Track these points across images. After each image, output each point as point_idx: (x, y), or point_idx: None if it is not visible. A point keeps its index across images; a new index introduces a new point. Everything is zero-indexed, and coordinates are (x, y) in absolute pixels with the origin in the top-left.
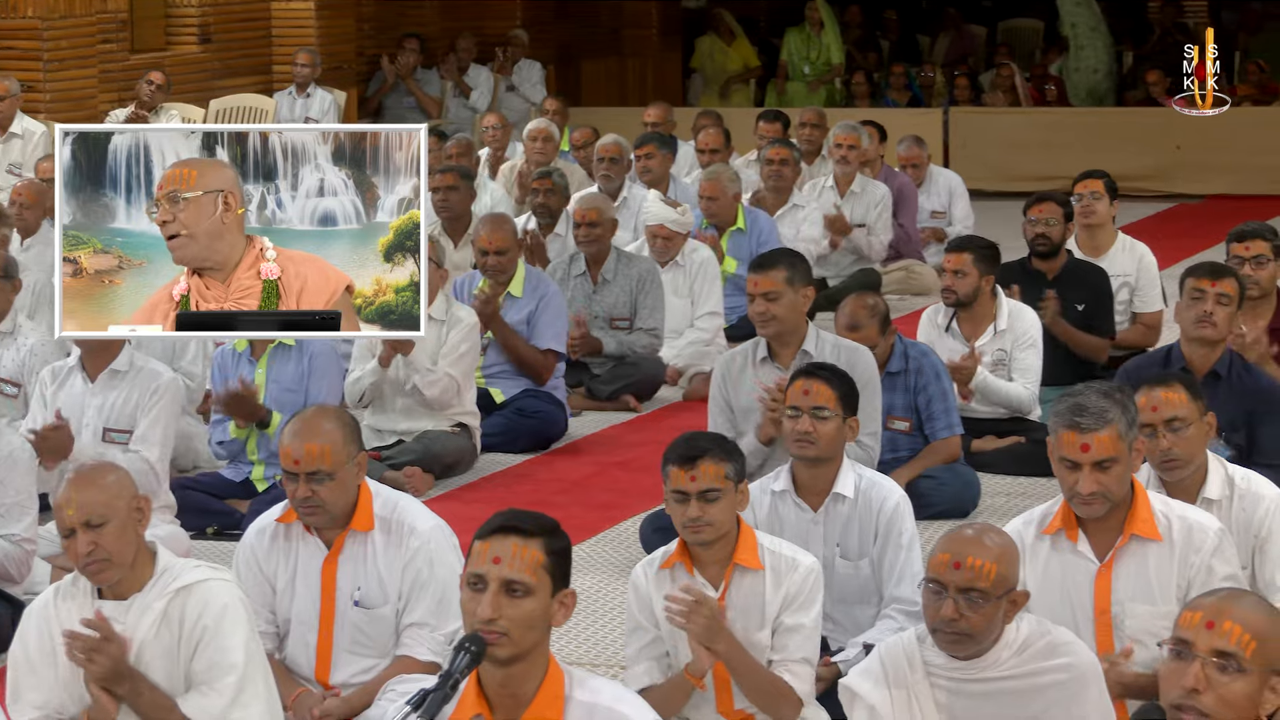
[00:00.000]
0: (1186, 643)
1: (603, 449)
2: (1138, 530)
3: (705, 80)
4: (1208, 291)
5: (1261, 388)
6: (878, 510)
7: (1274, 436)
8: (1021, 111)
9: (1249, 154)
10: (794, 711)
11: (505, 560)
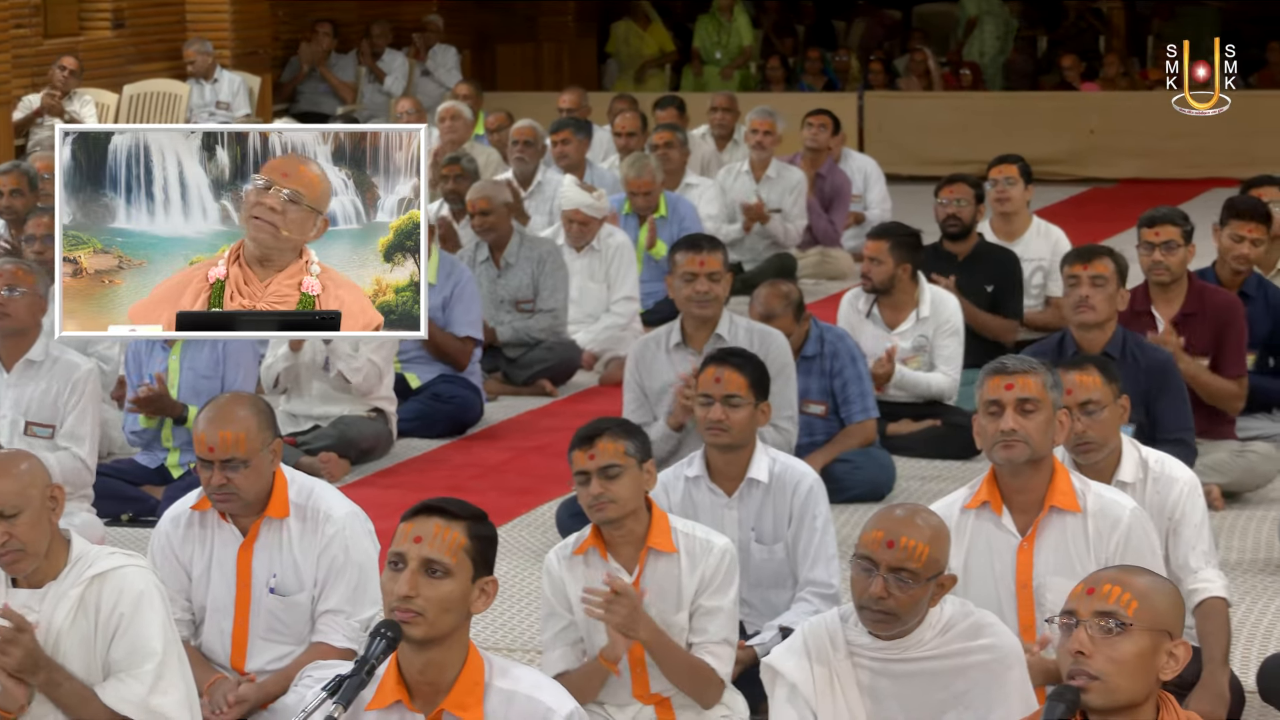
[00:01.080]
0: (1072, 612)
1: (519, 434)
2: (1057, 502)
3: (621, 65)
4: (1081, 276)
5: (1155, 364)
6: (792, 494)
7: (1171, 410)
8: (936, 96)
9: (1161, 138)
10: (718, 693)
11: (426, 540)
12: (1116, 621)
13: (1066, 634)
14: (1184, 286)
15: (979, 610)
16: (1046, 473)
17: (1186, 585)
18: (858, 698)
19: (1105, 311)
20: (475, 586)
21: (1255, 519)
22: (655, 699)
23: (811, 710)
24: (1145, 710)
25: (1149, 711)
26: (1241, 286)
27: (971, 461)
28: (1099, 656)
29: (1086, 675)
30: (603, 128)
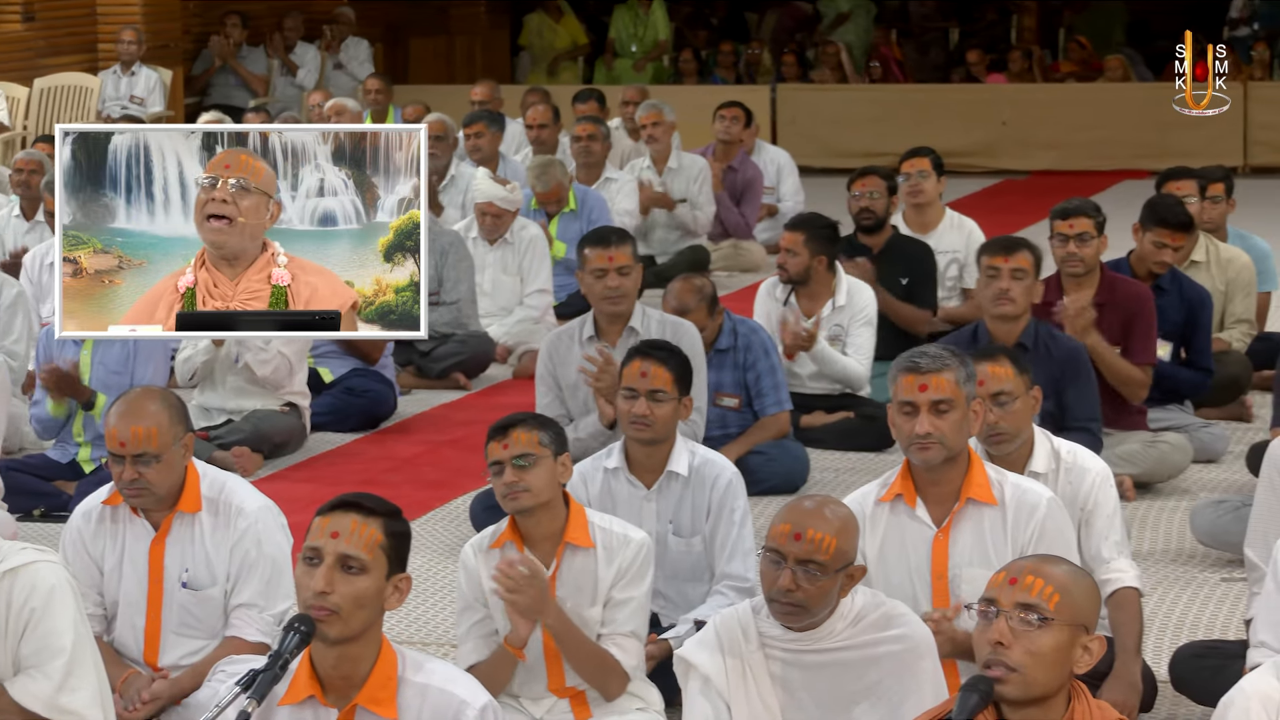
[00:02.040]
0: (992, 601)
1: (432, 427)
2: (974, 494)
3: (533, 58)
4: (1002, 268)
5: (1066, 353)
6: (711, 487)
7: (1081, 399)
8: (849, 88)
9: (1073, 130)
10: (621, 685)
11: (343, 536)
12: (1038, 615)
13: (986, 622)
14: (1096, 277)
15: (890, 601)
16: (962, 465)
17: (1099, 575)
18: (770, 689)
19: (1023, 304)
20: (390, 583)
21: (1167, 509)
22: (570, 692)
23: (725, 702)
24: (1057, 701)
25: (1061, 702)
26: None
27: (885, 453)
28: (1018, 649)
29: (1004, 666)
30: (515, 120)
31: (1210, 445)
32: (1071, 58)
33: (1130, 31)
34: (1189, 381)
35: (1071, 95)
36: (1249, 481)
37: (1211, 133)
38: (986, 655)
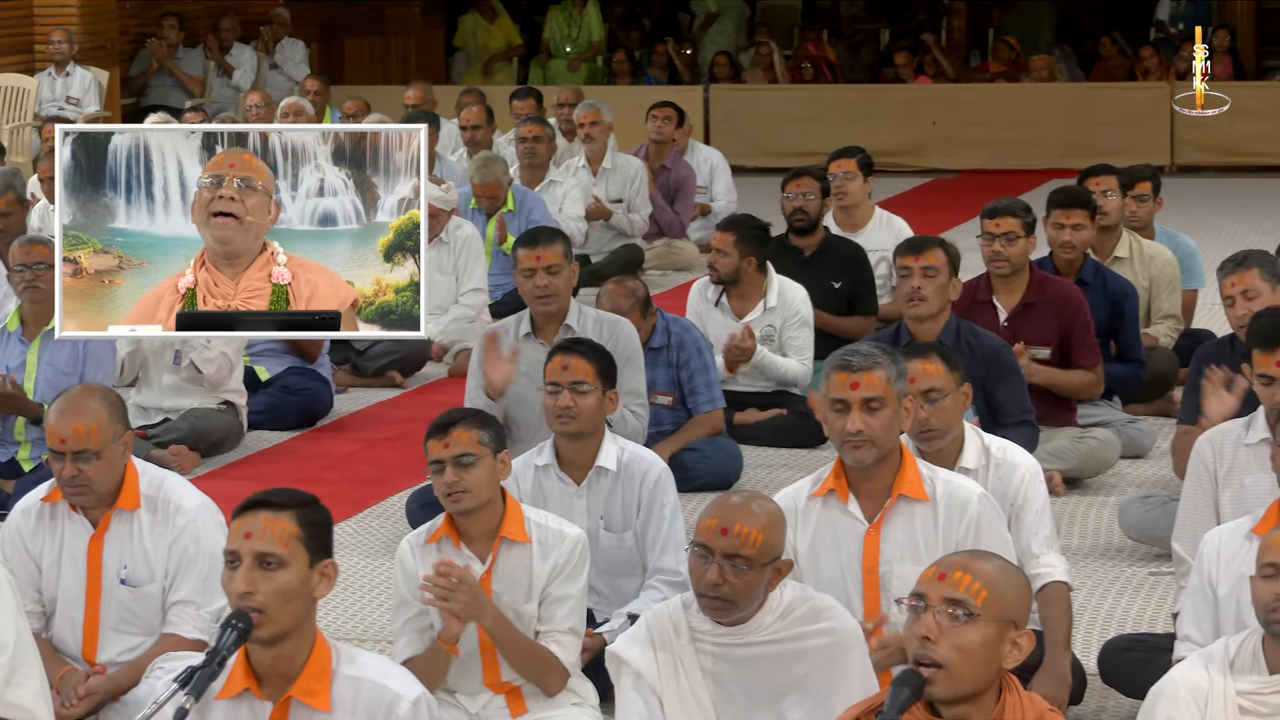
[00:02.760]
0: (921, 596)
1: (368, 425)
2: (906, 491)
3: (468, 58)
4: (913, 267)
5: (989, 351)
6: (640, 482)
7: (1011, 394)
8: (781, 88)
9: (1002, 129)
10: (560, 681)
11: (256, 534)
12: (965, 611)
13: (915, 617)
14: (1025, 277)
15: (818, 595)
16: (894, 462)
17: (1028, 570)
18: (701, 682)
19: (937, 303)
20: (314, 572)
21: (1096, 505)
22: (506, 687)
23: (657, 696)
24: (988, 695)
25: (992, 696)
26: (1079, 274)
27: (818, 450)
28: (944, 643)
29: (932, 661)
30: (451, 121)
31: (1138, 441)
32: (1000, 58)
33: (1058, 31)
34: (1123, 376)
35: (1000, 95)
36: (1175, 478)
37: (1139, 132)
38: (915, 649)
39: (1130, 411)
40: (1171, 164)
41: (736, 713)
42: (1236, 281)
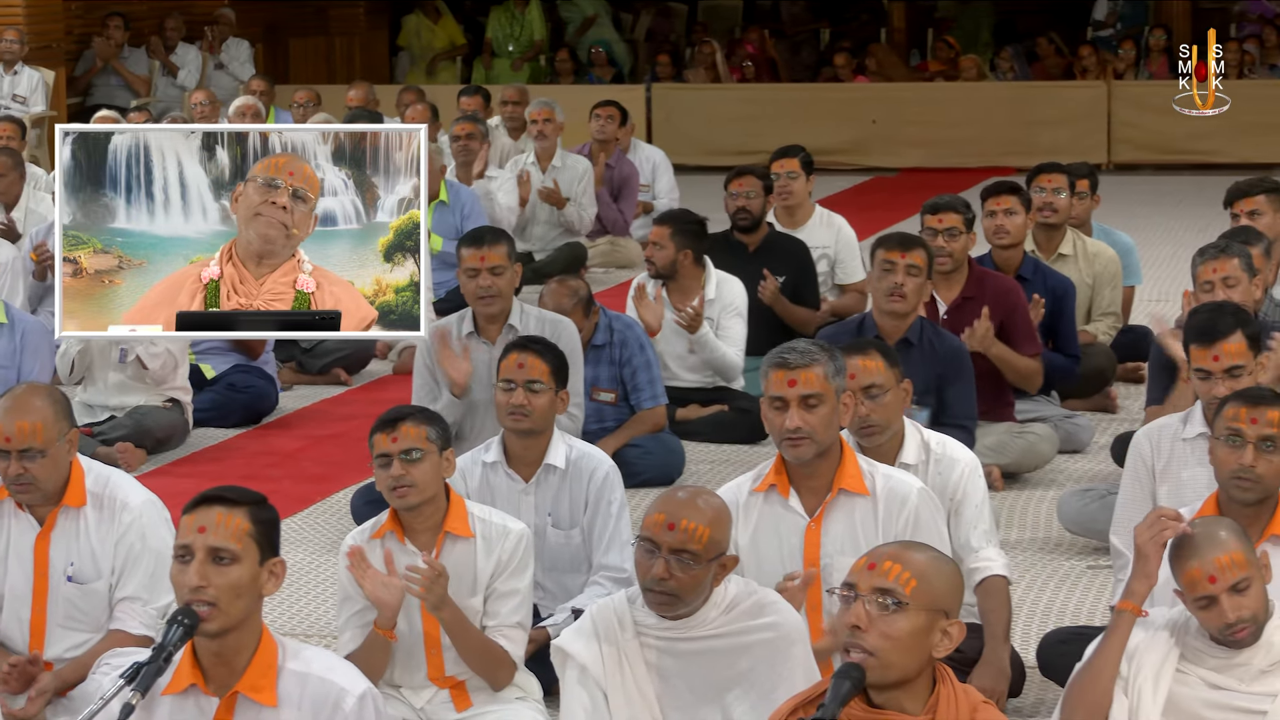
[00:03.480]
0: (852, 585)
1: (313, 422)
2: (846, 485)
3: (412, 58)
4: (898, 263)
5: (950, 352)
6: (588, 480)
7: (960, 397)
8: (722, 87)
9: (941, 128)
10: (509, 675)
11: (210, 529)
12: (894, 599)
13: (845, 606)
14: (964, 272)
15: (762, 589)
16: (834, 457)
17: (968, 564)
18: (646, 676)
19: (915, 300)
20: (264, 569)
21: (1034, 499)
22: (450, 682)
23: (601, 690)
24: (920, 684)
25: (924, 685)
26: (1019, 271)
27: (759, 446)
28: (874, 632)
29: (862, 649)
30: (393, 119)
31: (1076, 436)
32: (939, 57)
33: (997, 31)
34: (1059, 369)
35: (939, 94)
36: (1114, 471)
37: (1077, 130)
38: (845, 638)
39: (1068, 407)
40: (1109, 162)
41: (681, 706)
42: (1219, 267)
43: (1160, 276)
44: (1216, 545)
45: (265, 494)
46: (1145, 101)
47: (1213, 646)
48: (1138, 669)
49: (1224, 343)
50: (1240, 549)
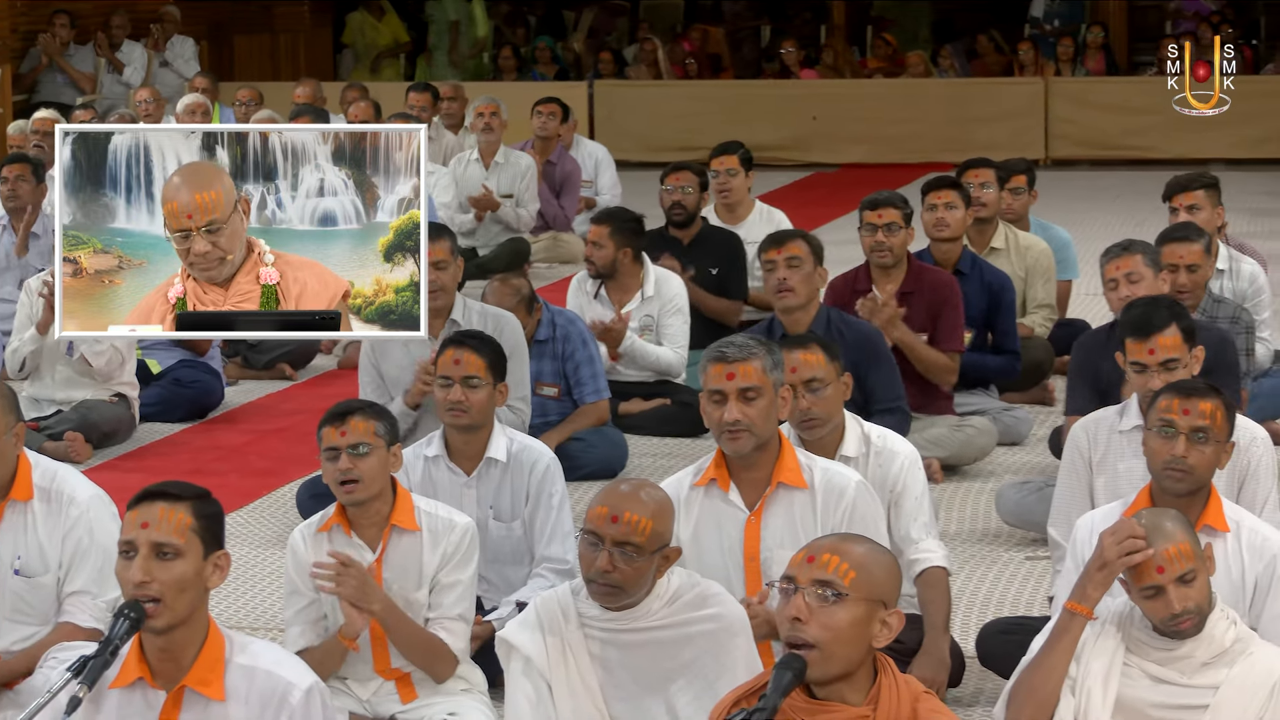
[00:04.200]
0: (792, 578)
1: (259, 417)
2: (785, 479)
3: (356, 55)
4: (777, 260)
5: (861, 338)
6: (529, 473)
7: (883, 381)
8: (664, 84)
9: (880, 124)
10: (450, 668)
11: (153, 525)
12: (833, 591)
13: (786, 599)
14: (903, 267)
15: (705, 581)
16: (773, 451)
17: (908, 555)
18: (590, 667)
19: (804, 292)
20: (208, 563)
21: (973, 491)
22: (396, 674)
23: (546, 681)
24: (861, 675)
25: (865, 676)
26: (957, 265)
27: (700, 439)
28: (814, 624)
29: (803, 641)
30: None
31: (1014, 429)
32: (878, 54)
33: (935, 29)
34: (998, 366)
35: (879, 91)
36: (1051, 463)
37: (1014, 126)
38: (787, 630)
39: (1006, 400)
40: (1046, 157)
41: (624, 697)
42: (1121, 264)
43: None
44: (1164, 537)
45: (211, 488)
46: (1082, 98)
47: (1156, 638)
48: (1086, 671)
49: (1159, 336)
50: (1187, 540)
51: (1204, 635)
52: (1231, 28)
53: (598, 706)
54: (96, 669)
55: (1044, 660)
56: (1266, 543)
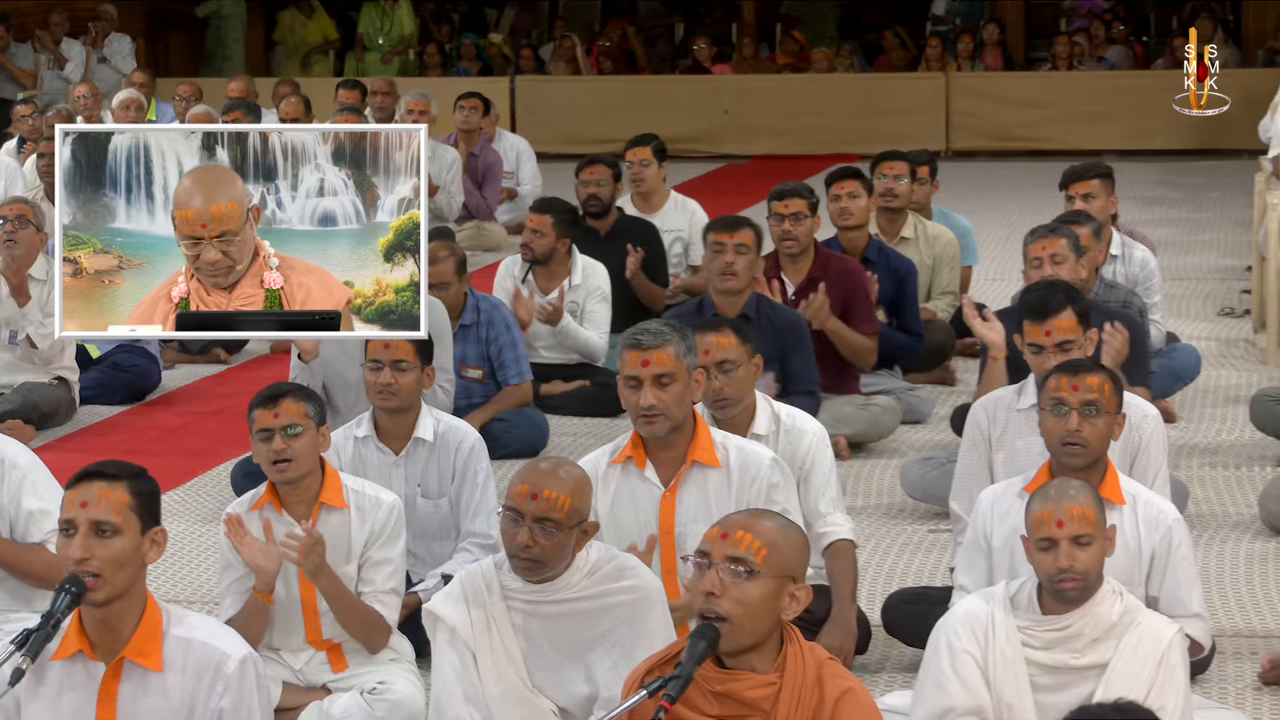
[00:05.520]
0: (706, 554)
1: (195, 399)
2: (699, 457)
3: (287, 52)
4: (727, 244)
5: (787, 324)
6: (455, 452)
7: (803, 366)
8: (582, 79)
9: (789, 118)
10: (384, 639)
11: (92, 503)
12: (746, 568)
13: (700, 573)
14: (810, 255)
15: (622, 554)
16: (688, 430)
17: (816, 529)
18: (512, 638)
19: (746, 278)
20: (145, 538)
21: (879, 467)
22: (327, 644)
23: (470, 651)
24: (769, 645)
25: (773, 645)
26: (864, 253)
27: (618, 419)
28: (727, 598)
29: (716, 614)
30: (270, 110)
31: (917, 407)
32: (787, 50)
33: (842, 26)
34: (903, 346)
35: (788, 85)
36: (953, 440)
37: (917, 119)
38: (701, 604)
39: (910, 380)
40: (947, 149)
41: (546, 665)
42: (1047, 245)
43: (996, 256)
44: (1070, 497)
45: (148, 467)
46: (981, 91)
47: (1043, 620)
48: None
49: (1055, 318)
50: (1091, 508)
51: (1089, 613)
52: (1123, 25)
53: (520, 675)
54: (39, 641)
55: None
56: (1161, 515)
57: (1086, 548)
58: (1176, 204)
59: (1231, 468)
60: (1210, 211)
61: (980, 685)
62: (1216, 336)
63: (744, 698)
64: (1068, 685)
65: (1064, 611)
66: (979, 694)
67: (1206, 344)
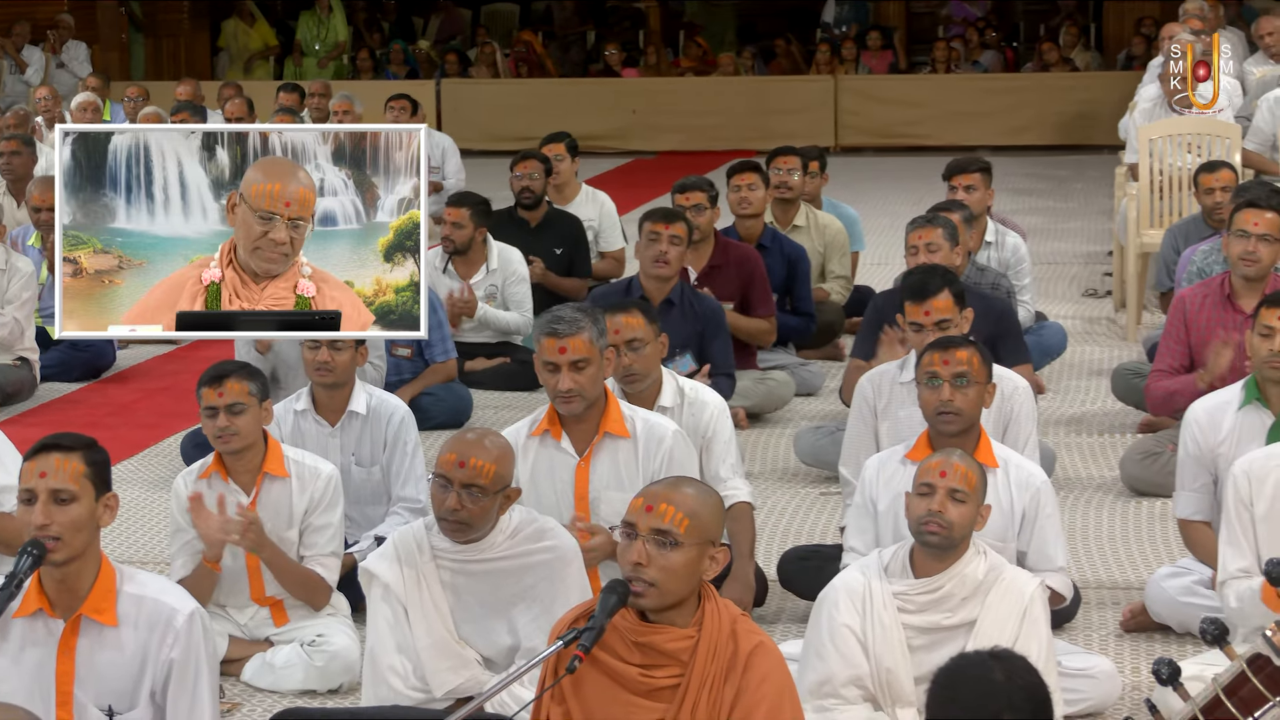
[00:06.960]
0: (632, 525)
1: (147, 377)
2: (610, 429)
3: (231, 58)
4: (662, 234)
5: (708, 311)
6: (386, 424)
7: (721, 350)
8: (502, 82)
9: (692, 117)
10: (325, 597)
11: (50, 473)
12: (671, 540)
13: (627, 543)
14: (711, 243)
15: (542, 517)
16: (600, 405)
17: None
18: (441, 594)
19: (677, 266)
20: (99, 504)
21: (775, 436)
22: (270, 601)
23: (403, 606)
24: (690, 602)
25: (692, 602)
26: (760, 240)
27: (536, 393)
28: (654, 567)
29: (644, 582)
30: (216, 111)
31: (810, 381)
32: (690, 55)
33: (740, 33)
34: (796, 327)
35: (691, 87)
36: (842, 411)
37: (808, 118)
38: (629, 571)
39: (803, 356)
40: (836, 145)
41: (472, 619)
42: (924, 235)
43: (880, 243)
44: (960, 456)
45: (105, 440)
46: (866, 92)
47: (916, 584)
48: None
49: (934, 300)
50: (975, 474)
51: (960, 573)
52: (995, 32)
53: (448, 627)
54: (2, 600)
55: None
56: (1031, 478)
57: (960, 505)
58: (1045, 195)
59: (1095, 435)
60: (1075, 202)
61: (858, 655)
62: (1081, 315)
63: (664, 649)
64: (941, 643)
65: (935, 572)
66: (857, 664)
67: (1072, 322)
